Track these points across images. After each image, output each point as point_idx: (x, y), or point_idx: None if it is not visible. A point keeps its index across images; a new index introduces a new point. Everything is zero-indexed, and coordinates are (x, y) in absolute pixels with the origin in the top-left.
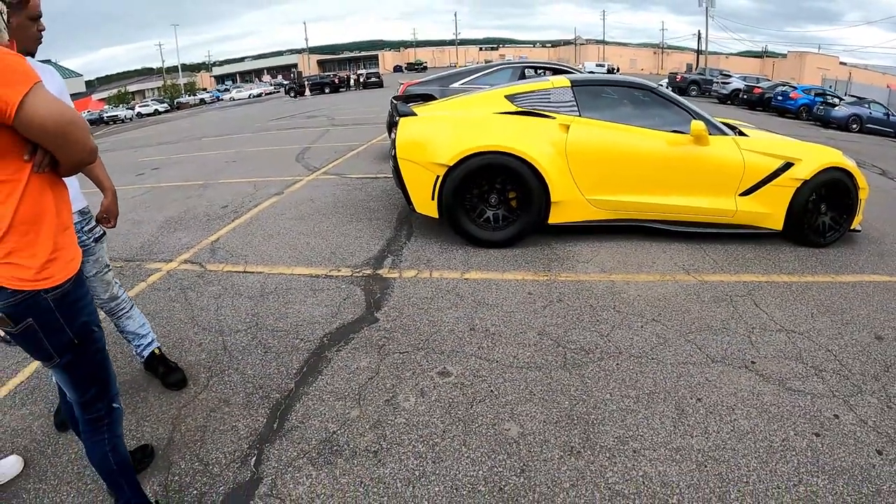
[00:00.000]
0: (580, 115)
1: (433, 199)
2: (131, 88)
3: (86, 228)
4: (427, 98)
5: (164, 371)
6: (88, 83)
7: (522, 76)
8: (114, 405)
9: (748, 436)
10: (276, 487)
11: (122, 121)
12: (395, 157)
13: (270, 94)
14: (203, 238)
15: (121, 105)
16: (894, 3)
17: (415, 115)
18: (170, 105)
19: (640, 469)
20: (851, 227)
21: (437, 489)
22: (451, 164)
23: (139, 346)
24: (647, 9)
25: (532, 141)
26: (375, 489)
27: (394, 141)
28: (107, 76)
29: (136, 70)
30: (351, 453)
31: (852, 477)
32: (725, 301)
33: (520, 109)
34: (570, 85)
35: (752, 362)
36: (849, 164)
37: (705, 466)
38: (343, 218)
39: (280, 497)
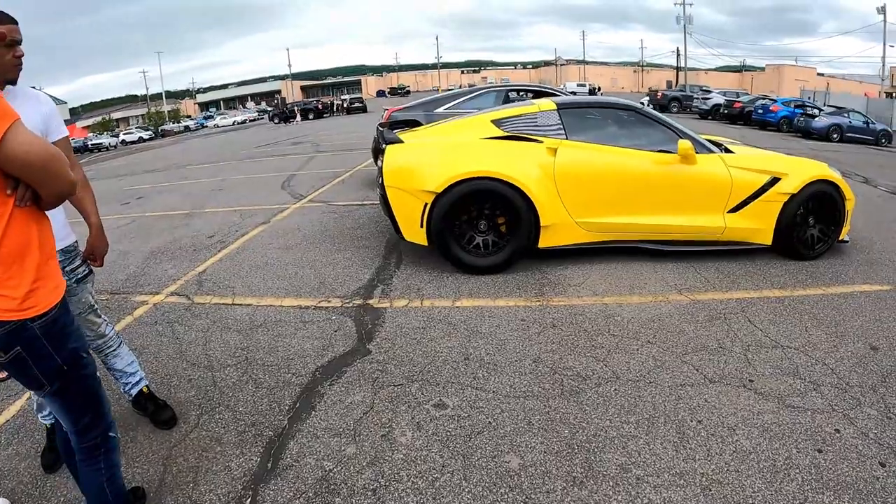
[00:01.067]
0: (567, 138)
1: (422, 226)
2: (115, 116)
3: (68, 268)
4: (412, 124)
5: (154, 409)
6: (72, 111)
7: (507, 99)
8: (110, 434)
9: (751, 456)
10: None
11: (107, 148)
12: (382, 185)
13: (254, 120)
14: (190, 269)
15: (105, 132)
16: (870, 13)
17: (401, 141)
18: (154, 132)
19: (645, 496)
20: (840, 238)
21: None
22: (440, 190)
23: (127, 384)
24: (626, 28)
25: (520, 165)
26: None
27: (381, 168)
28: (91, 103)
29: (120, 97)
30: (349, 492)
31: (857, 491)
32: (719, 319)
33: (506, 134)
34: (556, 108)
35: (750, 381)
36: (835, 175)
37: (710, 490)
38: (331, 246)
39: None
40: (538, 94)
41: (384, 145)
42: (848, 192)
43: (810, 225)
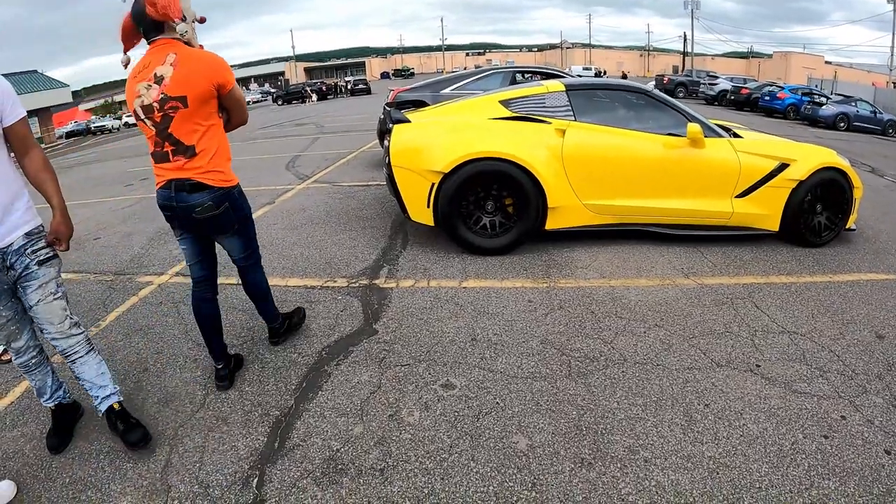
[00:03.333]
0: (576, 120)
1: (428, 206)
2: (118, 98)
3: (29, 250)
4: (419, 104)
5: (124, 428)
6: (75, 93)
7: (513, 81)
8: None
9: (758, 440)
10: None
11: (110, 131)
12: (388, 165)
13: (258, 102)
14: None
15: (108, 115)
16: (878, 2)
17: (408, 121)
18: None
19: (653, 478)
20: (847, 227)
21: None
22: (447, 171)
23: (97, 397)
24: (633, 12)
25: (528, 146)
26: None
27: (387, 148)
28: (94, 86)
29: (122, 80)
30: (356, 472)
31: (863, 478)
32: (726, 304)
33: (515, 115)
34: (564, 89)
35: (757, 366)
36: (843, 163)
37: (717, 473)
38: (336, 227)
39: None
40: (545, 76)
41: (391, 125)
42: (856, 180)
43: (818, 212)
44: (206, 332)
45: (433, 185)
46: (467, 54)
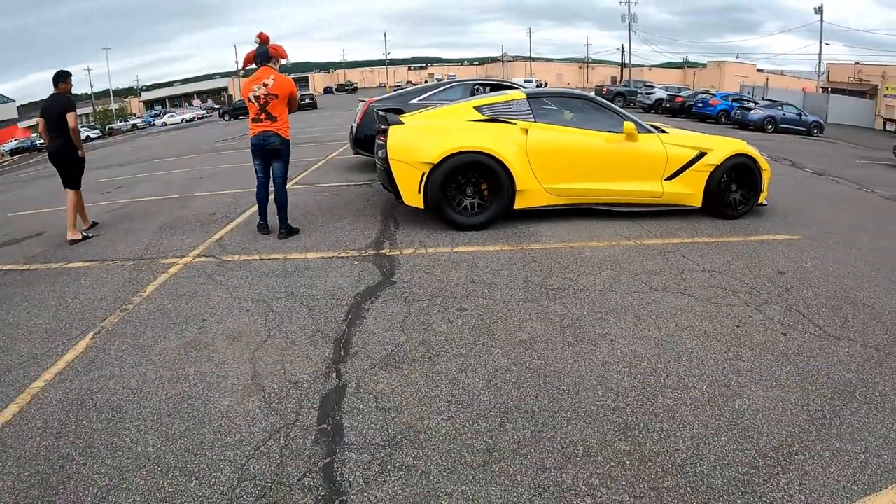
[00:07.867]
0: (535, 121)
1: (420, 192)
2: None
3: None
4: (397, 112)
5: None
6: (21, 108)
7: (473, 92)
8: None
9: (688, 329)
10: (361, 387)
11: None
12: (385, 159)
13: (203, 118)
14: (206, 238)
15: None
16: (809, 12)
17: (402, 123)
18: (102, 131)
19: (618, 349)
20: (759, 202)
21: (482, 372)
22: (436, 161)
23: None
24: (573, 24)
25: (500, 142)
26: (437, 377)
27: (383, 145)
28: (34, 102)
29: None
30: (411, 360)
31: (766, 347)
32: (660, 255)
33: (487, 117)
34: (526, 97)
35: (685, 289)
36: (752, 150)
37: (662, 345)
38: (332, 216)
39: (367, 391)
40: (499, 88)
41: (386, 126)
42: (763, 163)
43: (733, 190)
44: (260, 207)
45: (423, 174)
46: (409, 68)
